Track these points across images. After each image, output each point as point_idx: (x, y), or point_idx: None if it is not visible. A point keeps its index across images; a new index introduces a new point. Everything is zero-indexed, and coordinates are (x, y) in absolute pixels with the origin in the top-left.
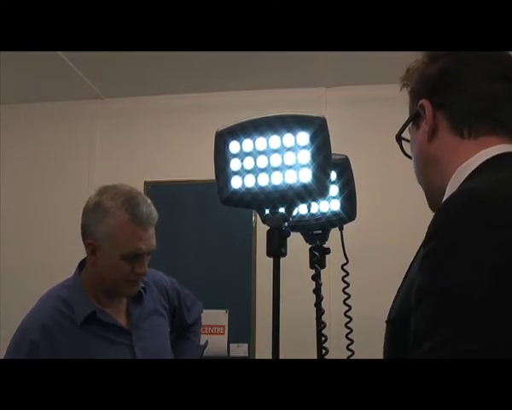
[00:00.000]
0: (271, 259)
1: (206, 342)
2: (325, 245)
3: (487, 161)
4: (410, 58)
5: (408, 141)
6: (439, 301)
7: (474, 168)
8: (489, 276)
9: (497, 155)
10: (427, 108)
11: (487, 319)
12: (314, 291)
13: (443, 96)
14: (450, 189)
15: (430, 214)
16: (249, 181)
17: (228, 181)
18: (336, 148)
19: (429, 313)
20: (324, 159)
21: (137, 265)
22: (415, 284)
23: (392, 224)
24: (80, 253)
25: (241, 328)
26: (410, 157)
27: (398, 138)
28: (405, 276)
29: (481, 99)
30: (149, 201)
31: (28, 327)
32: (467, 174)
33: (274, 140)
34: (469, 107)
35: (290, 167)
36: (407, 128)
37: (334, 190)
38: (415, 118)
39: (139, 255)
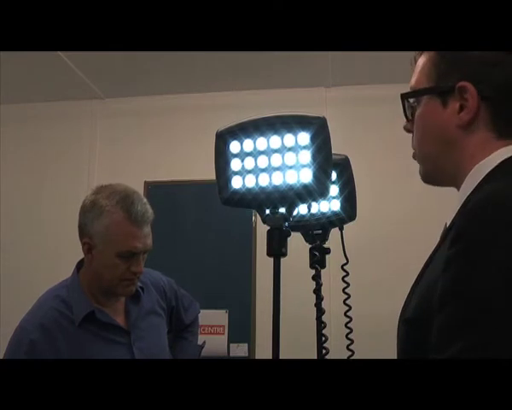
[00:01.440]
0: (271, 259)
1: (204, 342)
2: (325, 245)
3: (506, 160)
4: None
5: (409, 102)
6: (464, 305)
7: (491, 168)
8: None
9: None
10: (473, 95)
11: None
12: (314, 291)
13: (490, 86)
14: (467, 187)
15: (431, 214)
16: (250, 181)
17: (228, 181)
18: (336, 148)
19: (454, 317)
20: (325, 159)
21: (133, 264)
22: (438, 285)
23: (392, 224)
24: (80, 253)
25: (241, 328)
26: (408, 119)
27: (404, 97)
28: (421, 275)
29: None
30: (145, 199)
31: (28, 327)
32: (484, 174)
33: (274, 140)
34: None
35: (291, 167)
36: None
37: (334, 190)
38: (444, 92)
39: (135, 254)
